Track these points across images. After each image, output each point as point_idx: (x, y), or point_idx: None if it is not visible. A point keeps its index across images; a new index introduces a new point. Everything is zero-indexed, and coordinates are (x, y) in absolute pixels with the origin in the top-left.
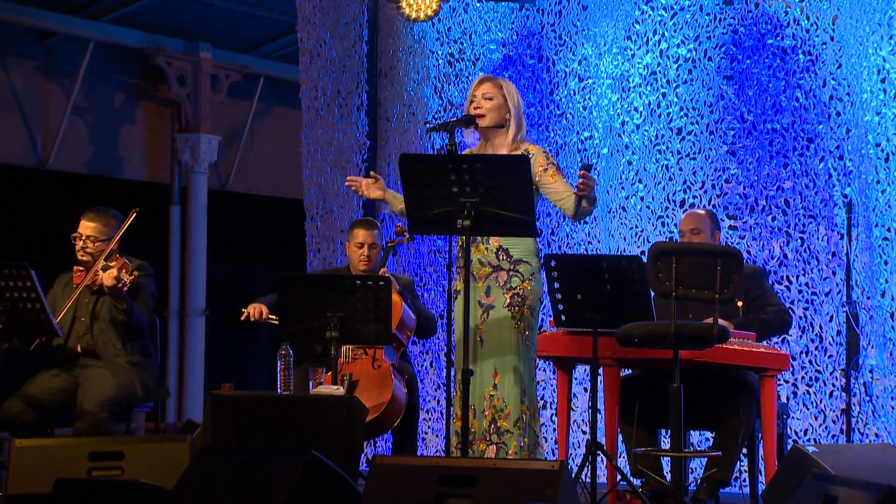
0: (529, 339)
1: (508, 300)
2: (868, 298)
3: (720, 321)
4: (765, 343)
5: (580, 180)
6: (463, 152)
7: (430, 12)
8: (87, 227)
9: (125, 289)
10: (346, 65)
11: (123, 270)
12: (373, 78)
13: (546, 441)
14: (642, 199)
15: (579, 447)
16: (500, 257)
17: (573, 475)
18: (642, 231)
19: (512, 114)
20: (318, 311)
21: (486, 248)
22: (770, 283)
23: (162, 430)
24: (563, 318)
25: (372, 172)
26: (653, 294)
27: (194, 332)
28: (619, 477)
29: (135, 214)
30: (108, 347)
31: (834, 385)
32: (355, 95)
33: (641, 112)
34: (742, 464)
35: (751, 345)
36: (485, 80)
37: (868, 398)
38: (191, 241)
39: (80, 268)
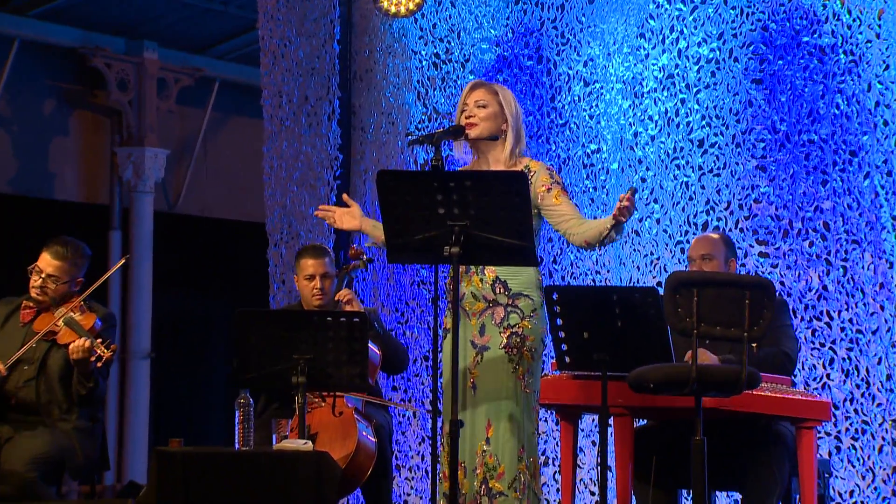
0: (530, 385)
1: (505, 340)
2: None
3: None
4: (802, 389)
5: (624, 203)
6: (459, 169)
7: (412, 6)
8: (50, 264)
9: (98, 365)
10: (314, 67)
11: (99, 342)
12: (346, 82)
13: None
14: (658, 221)
15: None
16: (497, 290)
17: None
18: (658, 258)
19: (509, 123)
20: (282, 353)
21: (481, 280)
22: (799, 317)
23: (99, 495)
24: (568, 359)
25: (345, 196)
26: (671, 332)
27: (137, 377)
28: None
29: (124, 261)
30: (52, 408)
31: (884, 438)
32: (326, 102)
33: (657, 121)
34: None
35: (785, 391)
36: (477, 85)
37: None
38: (134, 271)
39: (31, 304)
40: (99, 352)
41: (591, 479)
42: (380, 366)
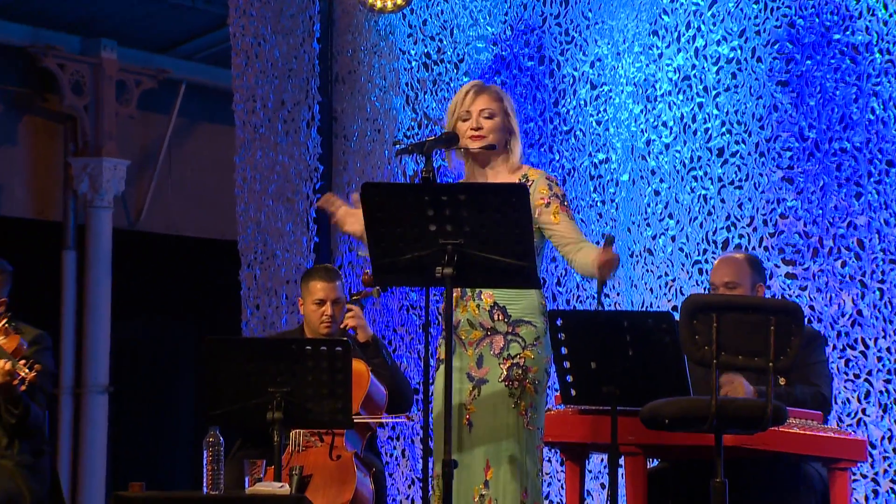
0: (533, 421)
1: (505, 372)
2: None
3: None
4: (835, 426)
5: (602, 257)
6: (460, 181)
7: (399, 1)
8: None
9: (23, 388)
10: (292, 68)
11: (22, 364)
12: (327, 85)
13: None
14: (673, 238)
15: None
16: (496, 317)
17: None
18: (674, 280)
19: (516, 133)
20: (256, 386)
21: (478, 306)
22: (831, 345)
23: None
24: (574, 392)
25: (355, 197)
26: (688, 362)
27: (94, 413)
28: None
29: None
30: None
31: None
32: (304, 107)
33: (672, 128)
34: None
35: (816, 427)
36: (481, 90)
37: None
38: (90, 295)
39: None
40: (21, 374)
41: None
42: (385, 406)
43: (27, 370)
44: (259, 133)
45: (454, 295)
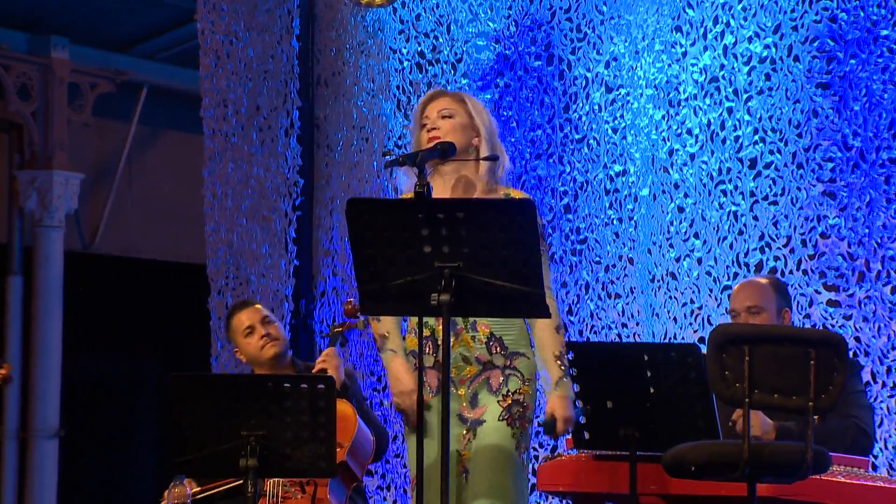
0: (527, 463)
1: (504, 411)
2: None
3: None
4: (885, 474)
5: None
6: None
7: None
8: None
9: None
10: (268, 69)
11: None
12: (308, 88)
13: None
14: (700, 261)
15: None
16: (493, 349)
17: None
18: (700, 308)
19: (483, 136)
20: (227, 429)
21: (474, 338)
22: (880, 381)
23: None
24: (587, 435)
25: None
26: (717, 400)
27: (42, 460)
28: None
29: None
30: None
31: None
32: (283, 113)
33: (697, 136)
34: None
35: (863, 476)
36: (437, 94)
37: None
38: (39, 327)
39: None
40: None
41: None
42: (373, 455)
43: None
44: (231, 142)
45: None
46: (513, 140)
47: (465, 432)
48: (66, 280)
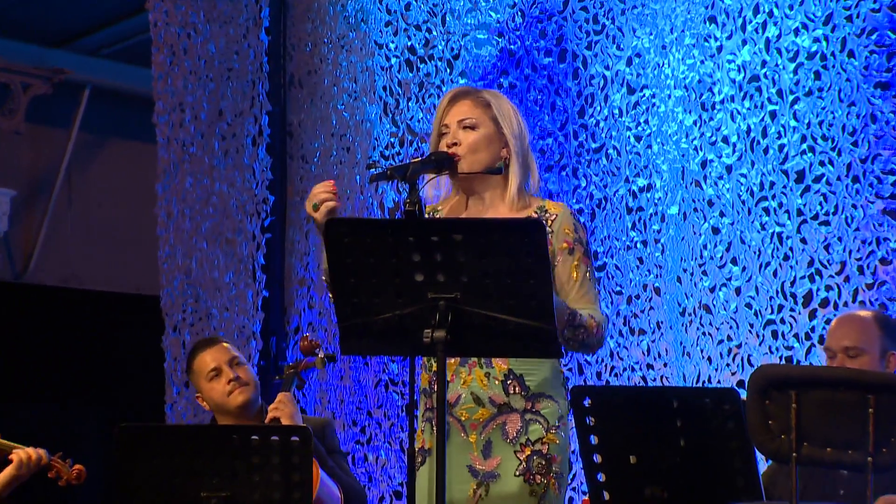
0: None
1: (524, 463)
2: None
3: None
4: None
5: None
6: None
7: None
8: None
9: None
10: (232, 68)
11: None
12: (279, 90)
13: None
14: (738, 291)
15: None
16: (511, 389)
17: None
18: (739, 346)
19: (512, 148)
20: (184, 490)
21: (488, 375)
22: None
23: None
24: (607, 495)
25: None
26: (759, 454)
27: None
28: None
29: None
30: None
31: None
32: (250, 119)
33: (735, 145)
34: None
35: None
36: (460, 95)
37: None
38: None
39: None
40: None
41: None
42: None
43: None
44: (189, 153)
45: (450, 361)
46: None
47: (475, 487)
48: None
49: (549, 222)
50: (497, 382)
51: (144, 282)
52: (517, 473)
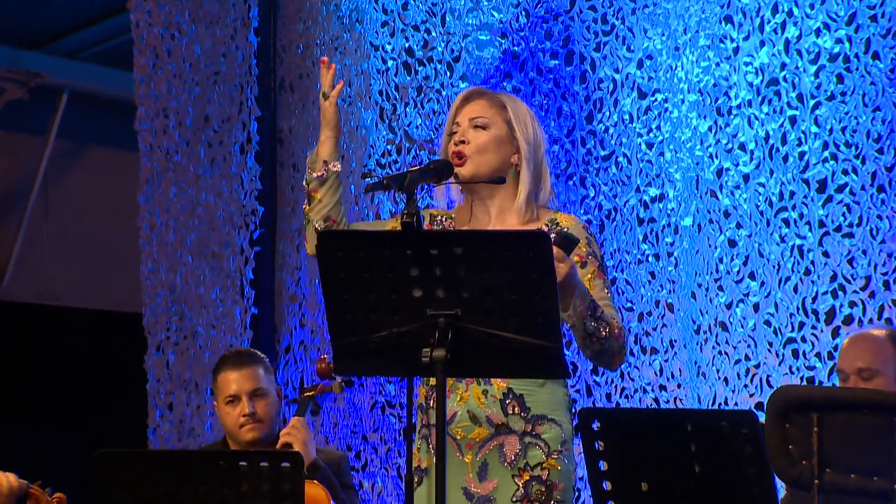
0: None
1: (522, 489)
2: None
3: None
4: None
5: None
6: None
7: None
8: None
9: None
10: (219, 71)
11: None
12: (269, 94)
13: None
14: (756, 308)
15: None
16: (510, 409)
17: None
18: (758, 367)
19: (523, 154)
20: None
21: (486, 393)
22: None
23: None
24: None
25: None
26: (778, 481)
27: None
28: None
29: None
30: None
31: None
32: (237, 125)
33: (753, 152)
34: None
35: None
36: (475, 94)
37: None
38: None
39: None
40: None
41: None
42: None
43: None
44: (173, 161)
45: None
46: None
47: None
48: None
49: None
50: (495, 401)
51: (126, 298)
52: (514, 499)
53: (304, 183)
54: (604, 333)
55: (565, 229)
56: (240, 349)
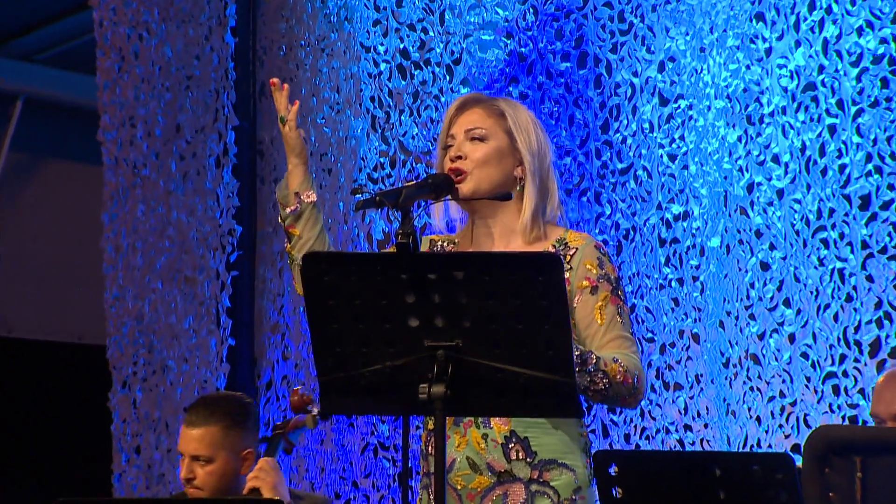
0: None
1: None
2: None
3: None
4: None
5: None
6: (445, 248)
7: None
8: None
9: None
10: (193, 75)
11: None
12: (248, 101)
13: None
14: (792, 338)
15: None
16: (514, 455)
17: None
18: (794, 404)
19: (527, 167)
20: None
21: (486, 437)
22: None
23: None
24: None
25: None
26: None
27: None
28: None
29: None
30: None
31: None
32: (213, 136)
33: (787, 165)
34: None
35: None
36: (470, 102)
37: None
38: None
39: None
40: None
41: None
42: None
43: None
44: (141, 176)
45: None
46: None
47: None
48: None
49: (568, 257)
50: (496, 446)
51: (88, 329)
52: None
53: (279, 220)
54: (601, 385)
55: (574, 250)
56: (207, 397)
